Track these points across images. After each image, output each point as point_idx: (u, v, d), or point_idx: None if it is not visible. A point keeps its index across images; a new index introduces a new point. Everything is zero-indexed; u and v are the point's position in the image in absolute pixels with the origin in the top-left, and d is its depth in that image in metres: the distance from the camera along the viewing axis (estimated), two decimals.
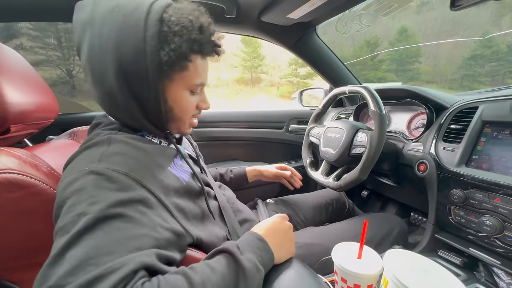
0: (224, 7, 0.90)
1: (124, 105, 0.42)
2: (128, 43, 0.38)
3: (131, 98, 0.42)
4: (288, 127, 1.45)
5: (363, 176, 0.70)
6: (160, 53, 0.39)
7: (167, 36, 0.39)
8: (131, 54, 0.38)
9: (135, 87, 0.41)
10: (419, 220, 1.09)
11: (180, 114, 0.48)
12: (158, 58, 0.39)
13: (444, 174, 0.69)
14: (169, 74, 0.42)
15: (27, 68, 0.53)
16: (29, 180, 0.35)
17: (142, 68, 0.39)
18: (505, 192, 0.56)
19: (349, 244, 0.49)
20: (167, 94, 0.44)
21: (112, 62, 0.39)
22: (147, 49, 0.38)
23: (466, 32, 35.91)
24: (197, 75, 0.45)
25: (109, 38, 0.38)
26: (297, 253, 0.65)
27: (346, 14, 1.03)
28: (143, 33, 0.38)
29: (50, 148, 0.54)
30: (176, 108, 0.46)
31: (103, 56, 0.39)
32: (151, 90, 0.41)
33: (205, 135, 1.34)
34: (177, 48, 0.40)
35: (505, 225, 0.56)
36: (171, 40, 0.40)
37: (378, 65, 27.96)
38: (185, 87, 0.46)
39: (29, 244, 0.38)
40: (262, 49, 24.59)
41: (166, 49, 0.39)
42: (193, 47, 0.42)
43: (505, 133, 0.61)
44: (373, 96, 0.73)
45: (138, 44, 0.38)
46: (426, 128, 0.82)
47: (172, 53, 0.40)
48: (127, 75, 0.40)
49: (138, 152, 0.42)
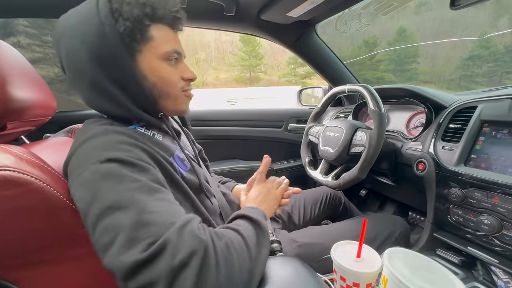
0: (224, 4, 0.90)
1: (108, 94, 0.44)
2: (90, 32, 0.41)
3: (111, 84, 0.43)
4: (287, 126, 1.45)
5: (362, 175, 0.70)
6: (117, 26, 0.41)
7: (118, 9, 0.42)
8: (96, 40, 0.41)
9: (110, 70, 0.43)
10: (417, 219, 1.09)
11: (166, 87, 0.47)
12: (117, 32, 0.41)
13: (442, 173, 0.69)
14: (135, 46, 0.43)
15: (24, 65, 0.52)
16: (25, 178, 0.35)
17: (108, 48, 0.41)
18: (503, 191, 0.56)
19: (348, 243, 0.49)
20: (143, 68, 0.45)
21: (84, 55, 0.41)
22: (106, 30, 0.41)
23: (464, 32, 36.08)
24: (166, 42, 0.46)
25: (76, 36, 0.42)
26: (298, 253, 0.66)
27: (346, 13, 1.03)
28: (98, 17, 0.41)
29: (47, 146, 0.53)
30: (158, 82, 0.46)
31: (76, 53, 0.42)
32: (125, 67, 0.43)
33: (204, 133, 1.34)
34: (129, 15, 0.42)
35: (503, 224, 0.57)
36: (122, 11, 0.42)
37: (376, 65, 28.00)
38: (157, 57, 0.46)
39: (25, 243, 0.37)
40: (261, 49, 24.56)
41: (120, 20, 0.41)
42: (145, 10, 0.43)
43: (504, 132, 0.62)
44: (373, 95, 0.73)
45: (98, 29, 0.41)
46: (425, 127, 0.82)
47: (127, 22, 0.41)
48: (100, 61, 0.42)
49: (138, 141, 0.42)
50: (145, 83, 0.45)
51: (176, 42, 0.49)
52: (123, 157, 0.37)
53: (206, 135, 1.34)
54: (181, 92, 0.50)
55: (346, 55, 27.96)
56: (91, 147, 0.39)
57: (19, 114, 0.47)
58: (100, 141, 0.40)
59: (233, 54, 25.62)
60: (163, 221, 0.32)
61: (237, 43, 25.48)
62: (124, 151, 0.38)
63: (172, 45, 0.47)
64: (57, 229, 0.39)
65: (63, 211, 0.38)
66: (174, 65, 0.48)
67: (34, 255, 0.38)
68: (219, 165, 1.32)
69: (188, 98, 0.52)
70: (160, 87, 0.47)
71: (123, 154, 0.37)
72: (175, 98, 0.49)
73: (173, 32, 0.48)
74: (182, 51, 0.49)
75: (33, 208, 0.36)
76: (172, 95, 0.49)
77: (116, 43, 0.41)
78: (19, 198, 0.35)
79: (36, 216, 0.37)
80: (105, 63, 0.42)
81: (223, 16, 0.97)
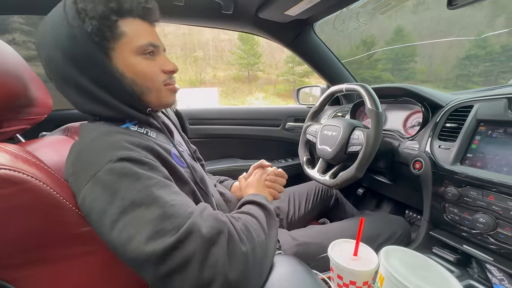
0: (222, 3, 0.90)
1: (94, 96, 0.44)
2: (61, 36, 0.41)
3: (94, 85, 0.43)
4: (285, 125, 1.45)
5: (359, 174, 0.71)
6: (85, 26, 0.41)
7: (84, 8, 0.41)
8: (68, 43, 0.41)
9: (88, 71, 0.42)
10: (413, 217, 1.10)
11: (145, 82, 0.46)
12: (86, 32, 0.41)
13: (439, 172, 0.70)
14: (106, 44, 0.43)
15: (19, 62, 0.51)
16: (21, 176, 0.34)
17: (81, 49, 0.41)
18: (499, 190, 0.57)
19: (346, 242, 0.50)
20: (119, 65, 0.44)
21: (61, 59, 0.41)
22: (75, 32, 0.40)
23: (461, 32, 36.26)
24: (138, 36, 0.45)
25: (50, 41, 0.42)
26: (296, 251, 0.67)
27: (344, 12, 1.03)
28: (66, 20, 0.40)
29: (43, 144, 0.53)
30: (136, 77, 0.45)
31: (53, 59, 0.42)
32: (101, 67, 0.42)
33: (201, 132, 1.34)
34: (94, 13, 0.41)
35: (498, 222, 0.57)
36: (87, 10, 0.41)
37: (374, 64, 28.09)
38: (131, 52, 0.44)
39: (22, 242, 0.37)
40: (259, 47, 24.50)
41: (87, 20, 0.41)
42: (110, 5, 0.42)
43: (499, 131, 0.62)
44: (370, 94, 0.73)
45: (68, 31, 0.40)
46: (422, 126, 0.82)
47: (93, 20, 0.41)
48: (76, 63, 0.42)
49: (141, 140, 0.43)
50: (125, 80, 0.44)
51: (151, 34, 0.47)
52: (134, 156, 0.38)
53: (204, 134, 1.34)
54: (163, 86, 0.49)
55: (344, 54, 28.00)
56: (98, 148, 0.39)
57: (14, 112, 0.47)
58: (105, 142, 0.40)
59: (231, 52, 25.54)
60: (184, 211, 0.35)
61: (235, 41, 25.42)
62: (132, 150, 0.39)
63: (146, 38, 0.45)
64: (54, 227, 0.38)
65: (60, 209, 0.38)
66: (151, 58, 0.47)
67: (31, 254, 0.38)
68: (216, 164, 1.32)
69: (172, 92, 0.51)
70: (140, 83, 0.46)
71: (132, 153, 0.38)
72: (157, 91, 0.48)
73: (147, 25, 0.47)
74: (159, 43, 0.48)
75: (29, 207, 0.36)
76: (154, 89, 0.48)
77: (87, 44, 0.41)
78: (15, 196, 0.34)
79: (33, 215, 0.36)
80: (81, 65, 0.42)
81: (221, 14, 0.96)
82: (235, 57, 25.93)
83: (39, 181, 0.36)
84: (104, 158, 0.37)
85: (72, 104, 0.47)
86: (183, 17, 1.00)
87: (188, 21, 1.07)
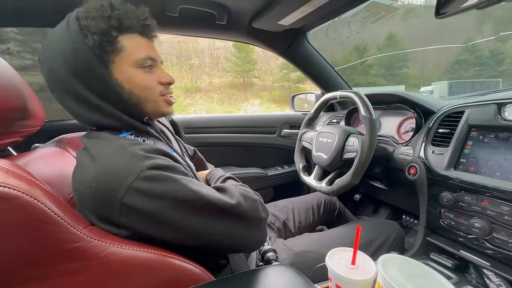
0: (215, 13, 0.91)
1: (94, 105, 0.45)
2: (65, 50, 0.43)
3: (94, 96, 0.45)
4: (281, 132, 1.46)
5: (355, 180, 0.71)
6: (87, 42, 0.43)
7: (86, 25, 0.43)
8: (71, 57, 0.43)
9: (90, 82, 0.45)
10: (411, 222, 1.10)
11: (142, 93, 0.48)
12: (88, 47, 0.43)
13: (433, 177, 0.70)
14: (107, 58, 0.45)
15: (11, 74, 0.51)
16: (12, 192, 0.33)
17: (83, 63, 0.43)
18: (492, 194, 0.58)
19: (343, 250, 0.49)
20: (118, 77, 0.46)
21: (64, 72, 0.44)
22: (78, 46, 0.43)
23: (451, 37, 37.25)
24: (137, 50, 0.47)
25: (54, 56, 0.45)
26: (293, 261, 0.66)
27: (336, 21, 1.05)
28: (70, 36, 0.43)
29: (36, 157, 0.52)
30: (134, 89, 0.48)
31: (57, 72, 0.44)
32: (102, 79, 0.45)
33: (196, 140, 1.33)
34: (96, 29, 0.43)
35: (493, 227, 0.58)
36: (89, 26, 0.43)
37: (367, 69, 28.56)
38: (130, 65, 0.47)
39: (14, 259, 0.36)
40: (254, 54, 24.77)
41: (89, 35, 0.43)
42: (111, 23, 0.44)
43: (491, 136, 0.63)
44: (363, 101, 0.74)
45: (71, 46, 0.43)
46: (415, 132, 0.83)
47: (95, 36, 0.43)
48: (78, 75, 0.44)
49: (155, 146, 0.46)
50: (123, 91, 0.47)
51: (149, 48, 0.50)
52: (160, 162, 0.41)
53: (199, 142, 1.34)
54: (160, 97, 0.51)
55: (338, 60, 28.45)
56: (123, 160, 0.41)
57: (5, 125, 0.46)
58: (127, 153, 0.41)
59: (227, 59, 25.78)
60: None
61: (231, 49, 25.67)
62: (156, 158, 0.42)
63: (144, 52, 0.48)
64: (47, 244, 0.37)
65: (52, 225, 0.37)
66: (149, 71, 0.49)
67: (24, 272, 0.37)
68: None
69: (167, 103, 0.53)
70: (137, 93, 0.48)
71: (157, 160, 0.41)
72: (154, 102, 0.50)
73: (145, 40, 0.50)
74: (157, 56, 0.51)
75: (20, 223, 0.35)
76: (151, 100, 0.50)
77: (89, 57, 0.43)
78: (6, 213, 0.33)
79: (25, 231, 0.35)
80: (83, 77, 0.44)
81: (215, 24, 0.97)
82: (231, 64, 26.16)
83: (31, 197, 0.35)
84: (133, 170, 0.39)
85: (71, 114, 0.48)
86: (178, 27, 1.01)
87: (183, 31, 1.08)
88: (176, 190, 0.40)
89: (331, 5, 0.82)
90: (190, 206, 0.41)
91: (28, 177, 0.38)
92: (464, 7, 0.54)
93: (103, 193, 0.39)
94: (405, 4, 47.14)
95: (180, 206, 0.41)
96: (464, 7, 0.54)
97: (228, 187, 0.49)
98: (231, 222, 0.45)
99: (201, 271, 0.44)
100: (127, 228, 0.41)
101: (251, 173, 1.35)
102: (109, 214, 0.40)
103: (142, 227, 0.41)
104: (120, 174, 0.39)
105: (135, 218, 0.40)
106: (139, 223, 0.40)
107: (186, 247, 0.45)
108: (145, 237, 0.42)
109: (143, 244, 0.41)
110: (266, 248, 0.64)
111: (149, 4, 0.52)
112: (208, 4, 0.87)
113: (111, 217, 0.40)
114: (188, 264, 0.43)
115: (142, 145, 0.44)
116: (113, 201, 0.39)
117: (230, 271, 0.54)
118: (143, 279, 0.40)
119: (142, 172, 0.39)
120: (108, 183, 0.39)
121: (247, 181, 1.32)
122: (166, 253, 0.42)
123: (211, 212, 0.43)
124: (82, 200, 0.42)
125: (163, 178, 0.40)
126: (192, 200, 0.41)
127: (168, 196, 0.40)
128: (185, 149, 0.68)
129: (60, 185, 0.49)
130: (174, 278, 0.42)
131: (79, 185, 0.42)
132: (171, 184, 0.40)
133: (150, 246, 0.42)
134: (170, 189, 0.40)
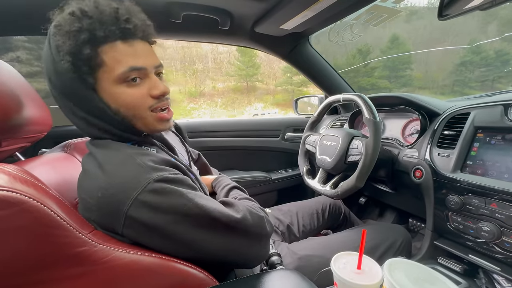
0: (218, 19, 0.92)
1: (91, 123, 0.44)
2: (50, 71, 0.41)
3: (88, 114, 0.43)
4: (284, 135, 1.46)
5: (360, 183, 0.70)
6: (62, 63, 0.39)
7: (60, 44, 0.39)
8: (55, 78, 0.41)
9: (78, 103, 0.43)
10: (417, 226, 1.09)
11: (129, 111, 0.44)
12: (65, 68, 0.39)
13: (440, 180, 0.69)
14: (87, 78, 0.41)
15: (20, 82, 0.52)
16: (19, 197, 0.34)
17: (67, 84, 0.41)
18: (501, 197, 0.56)
19: (348, 254, 0.49)
20: (103, 96, 0.42)
21: (55, 91, 0.43)
22: (58, 67, 0.40)
23: (455, 39, 36.98)
24: (117, 63, 0.41)
25: (46, 75, 0.42)
26: (298, 265, 0.65)
27: (338, 24, 1.05)
28: (52, 56, 0.40)
29: (43, 162, 0.53)
30: (120, 107, 0.43)
31: (51, 90, 0.43)
32: (87, 99, 0.42)
33: (200, 144, 1.34)
34: (66, 49, 0.39)
35: (503, 230, 0.56)
36: (59, 45, 0.39)
37: (371, 72, 28.48)
38: (113, 82, 0.42)
39: (21, 264, 0.36)
40: (257, 58, 24.92)
41: (62, 55, 0.39)
42: (81, 38, 0.38)
43: (497, 138, 0.62)
44: (367, 104, 0.74)
45: (53, 67, 0.40)
46: (420, 134, 0.83)
47: (67, 56, 0.39)
48: (66, 96, 0.43)
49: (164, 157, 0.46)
50: (111, 110, 0.43)
51: (135, 56, 0.42)
52: (168, 176, 0.40)
53: (203, 147, 1.34)
54: (149, 113, 0.45)
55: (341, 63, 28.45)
56: (130, 171, 0.40)
57: (13, 131, 0.47)
58: (134, 164, 0.40)
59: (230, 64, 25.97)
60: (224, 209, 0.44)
61: (234, 53, 25.88)
62: (164, 170, 0.41)
63: (127, 64, 0.41)
64: (53, 248, 0.38)
65: (58, 230, 0.37)
66: (135, 85, 0.43)
67: (31, 276, 0.37)
68: None
69: (159, 120, 0.47)
70: (124, 112, 0.44)
71: (165, 173, 0.40)
72: (143, 119, 0.45)
73: (129, 46, 0.42)
74: (147, 64, 0.43)
75: (27, 228, 0.35)
76: (139, 118, 0.45)
77: (70, 78, 0.40)
78: (12, 218, 0.34)
79: (31, 236, 0.36)
80: (70, 97, 0.42)
81: (218, 30, 0.99)
82: (234, 68, 26.35)
83: (37, 202, 0.36)
84: (140, 182, 0.38)
85: (75, 126, 0.47)
86: (182, 33, 1.03)
87: (187, 37, 1.10)
88: (182, 204, 0.40)
89: (332, 9, 0.82)
90: (195, 220, 0.40)
91: (35, 182, 0.38)
92: (467, 9, 0.54)
93: (108, 204, 0.39)
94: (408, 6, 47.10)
95: (185, 220, 0.40)
96: (467, 8, 0.53)
97: (235, 202, 0.48)
98: (236, 238, 0.44)
99: (205, 276, 0.44)
100: (130, 239, 0.40)
101: (254, 177, 1.35)
102: (114, 225, 0.39)
103: (145, 240, 0.40)
104: (126, 186, 0.38)
105: (139, 230, 0.39)
106: (142, 235, 0.40)
107: None
108: None
109: (147, 249, 0.42)
110: (271, 252, 0.63)
111: (153, 11, 0.53)
112: (211, 10, 0.88)
113: (115, 228, 0.39)
114: (192, 269, 0.43)
115: (150, 156, 0.43)
116: (118, 212, 0.38)
117: (234, 275, 0.54)
118: (147, 284, 0.40)
119: (149, 184, 0.38)
120: (115, 195, 0.39)
121: (251, 185, 1.32)
122: (170, 258, 0.42)
123: (216, 227, 0.42)
124: (87, 209, 0.41)
125: (170, 192, 0.39)
126: (198, 215, 0.40)
127: (174, 210, 0.39)
128: (190, 154, 0.68)
129: (66, 190, 0.49)
130: (178, 282, 0.42)
131: (85, 193, 0.42)
132: (178, 198, 0.40)
133: (154, 251, 0.42)
134: (176, 203, 0.39)
